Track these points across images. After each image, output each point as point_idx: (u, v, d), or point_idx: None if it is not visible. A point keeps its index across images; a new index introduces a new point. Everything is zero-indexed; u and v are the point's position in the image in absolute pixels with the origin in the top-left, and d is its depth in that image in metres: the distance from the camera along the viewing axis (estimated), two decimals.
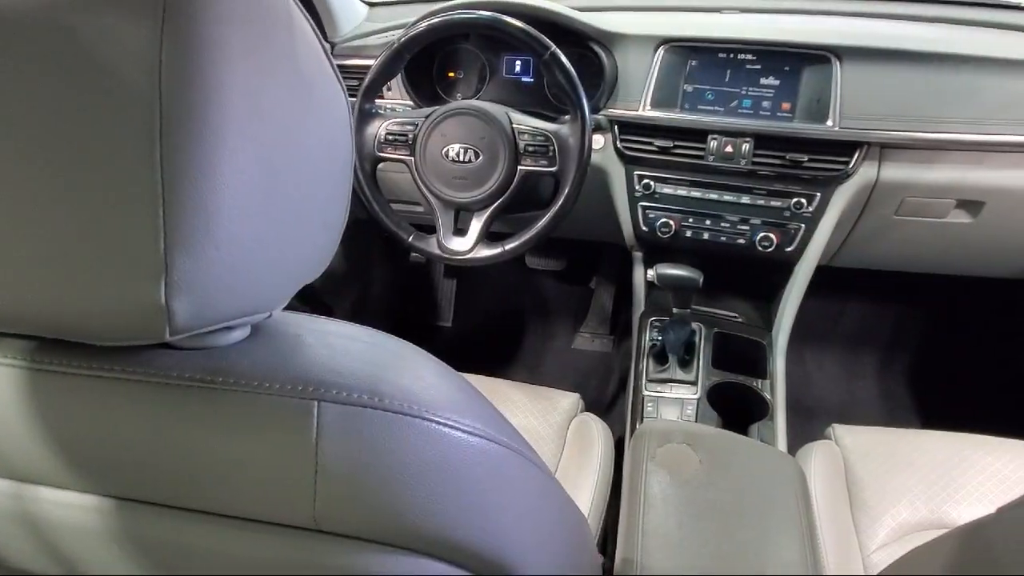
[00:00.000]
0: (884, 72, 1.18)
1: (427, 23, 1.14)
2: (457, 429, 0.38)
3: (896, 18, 1.37)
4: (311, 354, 0.38)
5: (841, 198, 1.22)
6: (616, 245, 1.44)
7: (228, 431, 0.36)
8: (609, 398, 1.76)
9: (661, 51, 1.25)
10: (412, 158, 1.18)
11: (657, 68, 1.25)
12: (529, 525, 0.43)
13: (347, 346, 0.40)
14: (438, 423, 0.38)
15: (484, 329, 2.03)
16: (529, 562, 0.42)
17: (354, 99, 1.19)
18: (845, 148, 1.19)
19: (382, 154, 1.20)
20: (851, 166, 1.19)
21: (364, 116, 1.19)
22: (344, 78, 1.37)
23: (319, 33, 0.41)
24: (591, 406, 1.19)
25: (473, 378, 1.16)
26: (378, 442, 0.36)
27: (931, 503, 0.95)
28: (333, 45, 1.44)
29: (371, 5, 1.56)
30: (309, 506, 0.35)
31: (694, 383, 1.20)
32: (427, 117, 1.17)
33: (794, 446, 1.11)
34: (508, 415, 1.11)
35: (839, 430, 1.06)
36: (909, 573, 0.55)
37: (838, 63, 1.18)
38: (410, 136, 1.18)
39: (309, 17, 0.40)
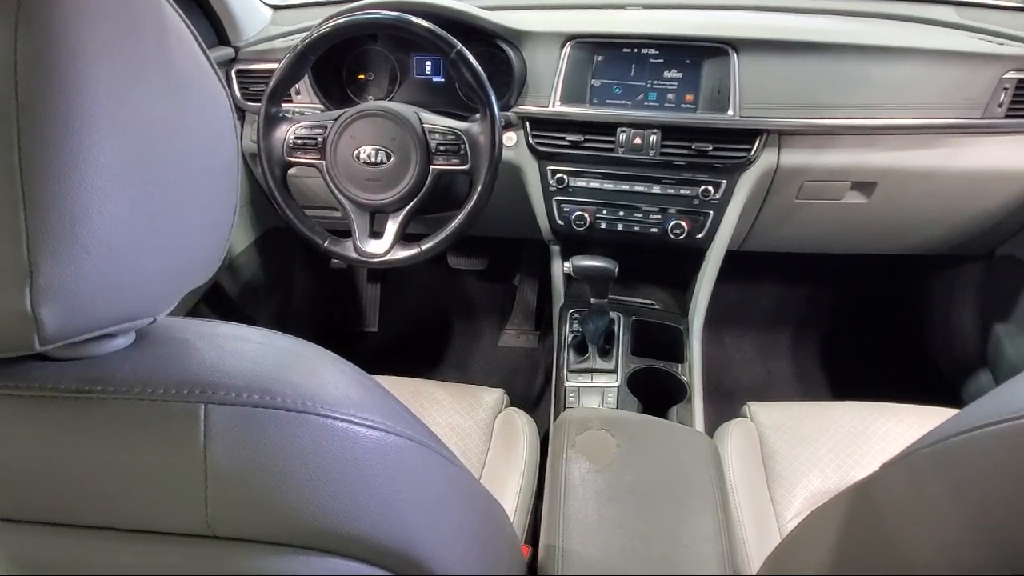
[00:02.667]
0: (779, 63, 1.23)
1: (331, 24, 1.12)
2: (355, 424, 0.38)
3: (789, 11, 1.44)
4: (198, 357, 0.37)
5: (745, 184, 1.27)
6: (537, 241, 1.46)
7: (110, 442, 0.34)
8: (536, 392, 1.78)
9: (568, 47, 1.27)
10: (323, 161, 1.17)
11: (565, 64, 1.27)
12: (438, 516, 0.43)
13: (238, 347, 0.39)
14: (335, 419, 0.37)
15: (410, 332, 2.01)
16: (440, 553, 0.42)
17: (259, 104, 1.16)
18: (746, 136, 1.24)
19: (292, 159, 1.18)
20: (752, 153, 1.24)
21: (271, 120, 1.16)
22: (249, 83, 1.34)
23: (195, 31, 0.40)
24: (519, 401, 1.20)
25: (397, 380, 1.15)
26: (272, 442, 0.35)
27: (840, 470, 1.00)
28: (237, 49, 1.40)
29: (275, 8, 1.53)
30: (201, 512, 0.34)
31: (614, 371, 1.23)
32: (336, 120, 1.16)
33: (715, 426, 1.15)
34: (434, 414, 1.11)
35: (754, 407, 1.10)
36: (808, 534, 0.58)
37: (735, 55, 1.22)
38: (320, 139, 1.16)
39: (182, 14, 0.39)
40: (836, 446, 1.03)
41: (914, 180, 1.30)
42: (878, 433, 1.04)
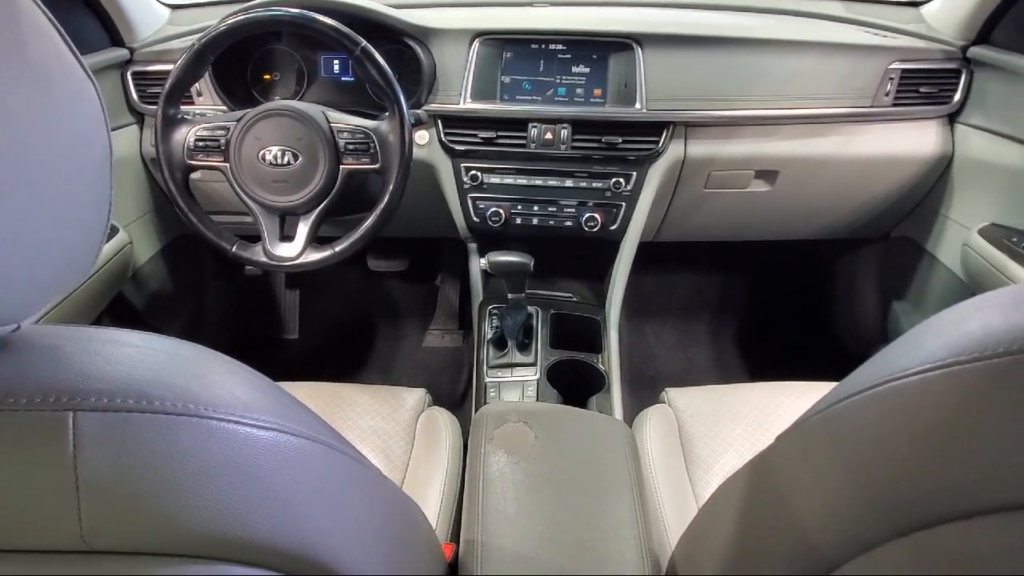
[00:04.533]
0: (682, 57, 1.26)
1: (229, 22, 1.09)
2: (243, 424, 0.37)
3: (691, 7, 1.48)
4: (67, 363, 0.35)
5: (655, 175, 1.30)
6: (457, 239, 1.45)
7: None
8: (462, 391, 1.77)
9: (477, 44, 1.27)
10: (227, 164, 1.13)
11: (474, 61, 1.27)
12: (340, 515, 0.42)
13: (112, 351, 0.37)
14: (219, 420, 0.36)
15: (332, 337, 1.98)
16: (344, 553, 0.41)
17: (155, 107, 1.11)
18: (654, 128, 1.27)
19: (193, 162, 1.13)
20: (660, 145, 1.27)
21: (169, 123, 1.12)
22: (147, 85, 1.28)
23: (56, 23, 0.38)
24: (445, 401, 1.19)
25: (317, 385, 1.13)
26: (149, 447, 0.33)
27: (753, 448, 1.03)
28: (132, 50, 1.34)
29: (173, 8, 1.47)
30: (75, 526, 0.32)
31: (533, 364, 1.24)
32: (239, 120, 1.12)
33: (635, 414, 1.17)
34: (355, 418, 1.09)
35: (672, 393, 1.13)
36: (717, 508, 0.60)
37: (640, 49, 1.25)
38: (222, 141, 1.13)
39: (42, 6, 0.37)
40: (749, 425, 1.06)
41: (813, 167, 1.36)
42: (788, 411, 1.08)
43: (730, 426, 1.07)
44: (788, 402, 1.09)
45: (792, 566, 0.46)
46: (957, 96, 1.31)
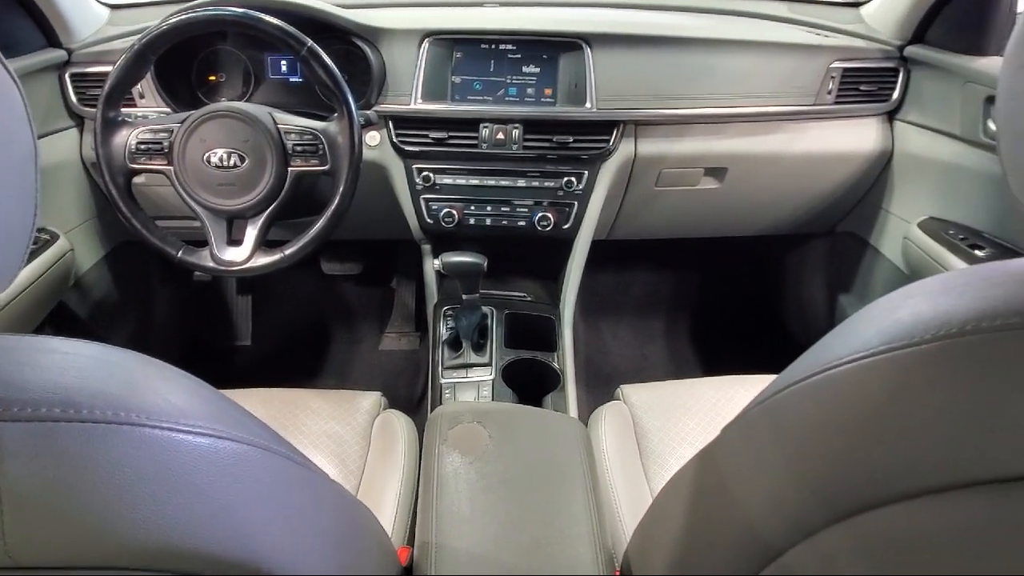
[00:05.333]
0: (631, 56, 1.28)
1: (171, 22, 1.06)
2: (178, 431, 0.36)
3: (639, 7, 1.49)
4: None
5: (607, 174, 1.32)
6: (411, 241, 1.44)
7: None
8: (419, 393, 1.76)
9: (426, 44, 1.27)
10: (171, 167, 1.10)
11: (424, 61, 1.27)
12: (283, 520, 0.42)
13: (37, 359, 0.35)
14: (153, 427, 0.35)
15: (287, 343, 1.94)
16: (286, 558, 0.40)
17: (95, 109, 1.08)
18: (604, 127, 1.28)
19: (136, 165, 1.10)
20: (611, 143, 1.29)
21: (109, 126, 1.09)
22: (86, 87, 1.25)
23: None
24: (403, 404, 1.18)
25: (270, 392, 1.11)
26: (78, 458, 0.32)
27: (706, 441, 1.04)
28: (70, 52, 1.30)
29: (113, 8, 1.43)
30: None
31: (488, 364, 1.24)
32: (182, 122, 1.09)
33: (592, 411, 1.18)
34: (309, 423, 1.08)
35: (627, 389, 1.14)
36: (668, 501, 0.60)
37: (589, 49, 1.26)
38: (166, 144, 1.10)
39: None
40: (703, 419, 1.08)
41: (760, 164, 1.39)
42: (739, 403, 1.09)
43: (684, 420, 1.08)
44: (740, 395, 1.11)
45: (738, 555, 0.46)
46: (896, 94, 1.35)
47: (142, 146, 1.10)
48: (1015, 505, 0.32)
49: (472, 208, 1.33)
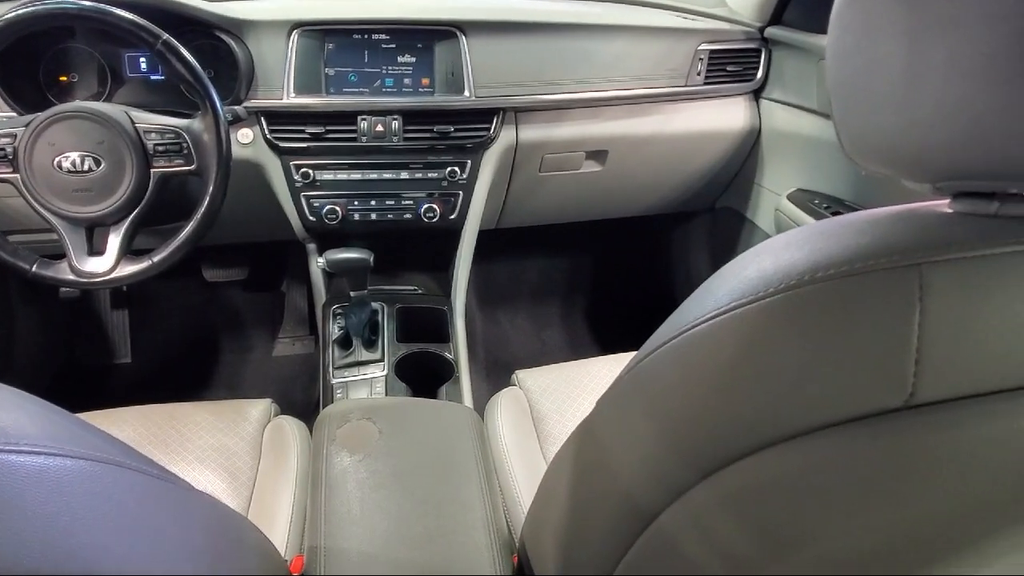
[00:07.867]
0: (506, 43, 1.28)
1: (5, 17, 0.97)
2: (5, 452, 0.33)
3: None
4: None
5: (490, 162, 1.32)
6: (296, 241, 1.39)
7: None
8: (316, 398, 1.71)
9: (295, 36, 1.22)
10: (17, 175, 1.01)
11: (294, 54, 1.22)
12: (135, 537, 0.39)
13: None
14: None
15: (171, 357, 1.84)
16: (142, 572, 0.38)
17: None
18: (484, 115, 1.28)
19: None
20: (492, 131, 1.28)
21: None
22: None
23: None
24: (299, 410, 1.14)
25: (149, 408, 1.04)
26: None
27: None
28: None
29: None
30: None
31: (381, 360, 1.21)
32: (27, 126, 1.01)
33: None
34: (194, 437, 1.02)
35: (522, 375, 1.14)
36: (553, 478, 0.61)
37: (464, 37, 1.25)
38: (9, 150, 1.01)
39: None
40: (597, 398, 1.10)
41: (638, 145, 1.42)
42: None
43: (579, 401, 1.09)
44: None
45: (618, 523, 0.47)
46: (759, 73, 1.42)
47: None
48: (860, 444, 0.34)
49: (356, 203, 1.29)
